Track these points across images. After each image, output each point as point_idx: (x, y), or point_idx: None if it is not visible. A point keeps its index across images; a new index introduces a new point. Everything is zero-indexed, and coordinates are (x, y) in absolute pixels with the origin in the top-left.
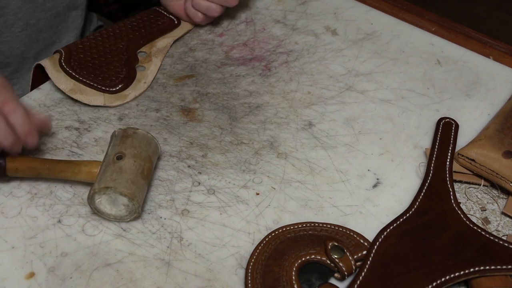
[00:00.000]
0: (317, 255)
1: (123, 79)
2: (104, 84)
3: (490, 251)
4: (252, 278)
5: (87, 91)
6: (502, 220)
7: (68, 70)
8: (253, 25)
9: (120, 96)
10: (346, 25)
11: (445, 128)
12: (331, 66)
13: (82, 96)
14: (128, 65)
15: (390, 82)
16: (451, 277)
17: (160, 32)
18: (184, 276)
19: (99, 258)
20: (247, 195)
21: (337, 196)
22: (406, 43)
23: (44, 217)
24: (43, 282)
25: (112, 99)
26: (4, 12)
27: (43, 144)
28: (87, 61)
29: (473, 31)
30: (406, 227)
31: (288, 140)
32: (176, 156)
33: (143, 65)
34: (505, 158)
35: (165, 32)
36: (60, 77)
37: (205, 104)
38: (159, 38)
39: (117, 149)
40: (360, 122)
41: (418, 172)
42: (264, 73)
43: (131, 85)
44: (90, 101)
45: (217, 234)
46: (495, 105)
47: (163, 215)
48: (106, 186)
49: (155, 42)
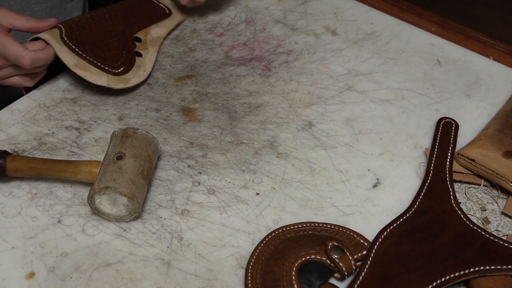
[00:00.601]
0: (317, 255)
1: (124, 62)
2: (107, 64)
3: (490, 251)
4: (252, 278)
5: (91, 69)
6: (502, 220)
7: (71, 45)
8: (253, 25)
9: (122, 79)
10: (346, 25)
11: (445, 128)
12: (331, 66)
13: (86, 74)
14: (127, 48)
15: (390, 82)
16: (451, 277)
17: (153, 20)
18: (184, 276)
19: (99, 258)
20: (247, 195)
21: (337, 196)
22: (406, 43)
23: (44, 217)
24: (43, 282)
25: (116, 81)
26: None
27: (43, 144)
28: (88, 39)
29: (473, 31)
30: (406, 227)
31: (288, 140)
32: (176, 156)
33: (140, 51)
34: (505, 158)
35: (157, 20)
36: (64, 51)
37: (205, 104)
38: (152, 26)
39: (117, 149)
40: (360, 122)
41: (418, 172)
42: (264, 73)
43: (132, 70)
44: (95, 80)
45: (217, 234)
46: (495, 105)
47: (163, 215)
48: (106, 186)
49: (149, 29)
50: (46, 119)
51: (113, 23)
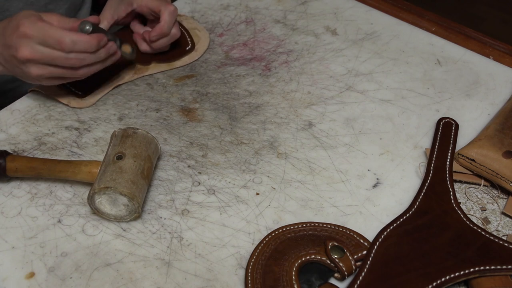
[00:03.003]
0: (317, 255)
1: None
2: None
3: (490, 251)
4: (252, 278)
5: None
6: (502, 220)
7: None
8: (253, 25)
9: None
10: (346, 25)
11: (445, 128)
12: (331, 66)
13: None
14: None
15: (390, 82)
16: (451, 277)
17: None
18: (184, 276)
19: (99, 258)
20: (247, 195)
21: (337, 196)
22: (406, 43)
23: (44, 217)
24: (43, 282)
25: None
26: (6, 15)
27: (43, 144)
28: None
29: (473, 31)
30: (406, 227)
31: (288, 140)
32: (176, 156)
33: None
34: (505, 158)
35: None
36: None
37: (205, 104)
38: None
39: (117, 149)
40: (360, 122)
41: (418, 172)
42: (264, 73)
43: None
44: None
45: (217, 234)
46: (495, 105)
47: (163, 215)
48: (106, 186)
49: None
50: (46, 119)
51: None
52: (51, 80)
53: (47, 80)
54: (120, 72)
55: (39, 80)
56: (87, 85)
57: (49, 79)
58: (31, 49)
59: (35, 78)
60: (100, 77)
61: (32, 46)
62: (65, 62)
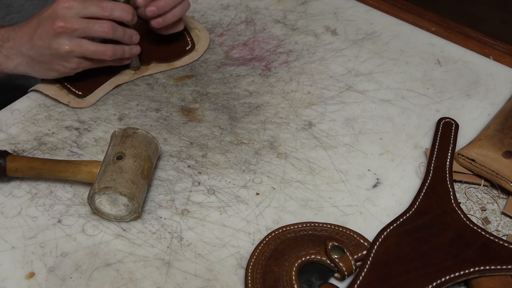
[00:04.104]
0: (317, 255)
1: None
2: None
3: (490, 251)
4: (252, 278)
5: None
6: (502, 220)
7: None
8: (253, 25)
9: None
10: (346, 25)
11: (445, 128)
12: (331, 66)
13: None
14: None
15: (390, 82)
16: (451, 277)
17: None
18: (184, 276)
19: (99, 258)
20: (247, 195)
21: (337, 196)
22: (406, 43)
23: (44, 217)
24: (43, 282)
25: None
26: (9, 11)
27: (43, 144)
28: None
29: (473, 31)
30: (406, 227)
31: (288, 140)
32: (176, 156)
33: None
34: (505, 158)
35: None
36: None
37: (205, 104)
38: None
39: (117, 149)
40: (360, 122)
41: (418, 172)
42: (264, 73)
43: None
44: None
45: (217, 234)
46: (495, 105)
47: (163, 215)
48: (106, 186)
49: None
50: (46, 119)
51: None
52: (79, 62)
53: (75, 61)
54: (120, 72)
55: (67, 59)
56: (87, 85)
57: (77, 60)
58: (69, 19)
59: (65, 54)
60: (100, 77)
61: (71, 16)
62: (99, 31)
